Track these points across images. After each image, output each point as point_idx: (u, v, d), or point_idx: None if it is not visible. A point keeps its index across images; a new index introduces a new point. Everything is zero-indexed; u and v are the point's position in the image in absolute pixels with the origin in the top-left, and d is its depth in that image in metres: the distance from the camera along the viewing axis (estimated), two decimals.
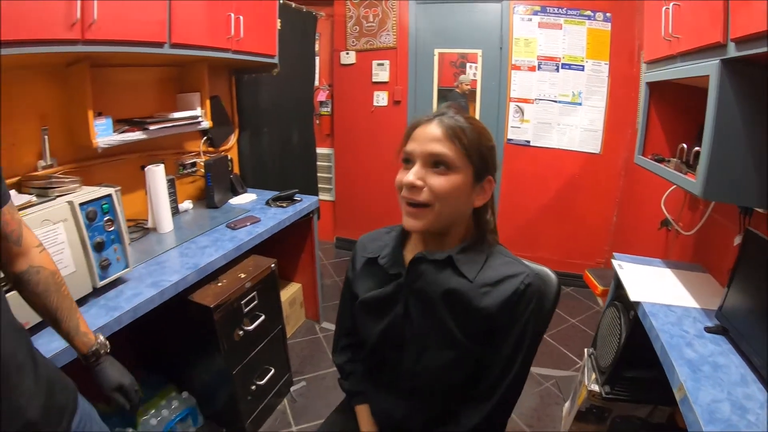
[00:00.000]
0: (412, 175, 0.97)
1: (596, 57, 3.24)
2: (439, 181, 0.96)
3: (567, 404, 2.18)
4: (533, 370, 2.61)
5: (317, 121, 4.32)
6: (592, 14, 3.18)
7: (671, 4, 1.45)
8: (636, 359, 1.62)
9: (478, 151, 0.99)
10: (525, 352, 1.04)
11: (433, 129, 0.98)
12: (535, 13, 3.30)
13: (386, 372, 1.17)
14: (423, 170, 0.97)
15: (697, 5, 1.33)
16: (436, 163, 0.97)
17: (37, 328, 1.31)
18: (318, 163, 4.22)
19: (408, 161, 1.01)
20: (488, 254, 1.06)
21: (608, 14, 3.15)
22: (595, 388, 1.77)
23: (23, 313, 1.09)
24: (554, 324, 3.13)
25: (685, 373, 1.16)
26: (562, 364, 2.70)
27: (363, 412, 1.27)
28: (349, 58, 4.02)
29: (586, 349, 2.03)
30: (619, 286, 1.80)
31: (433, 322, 1.04)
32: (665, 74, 1.59)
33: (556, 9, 3.26)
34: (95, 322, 1.40)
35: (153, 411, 2.04)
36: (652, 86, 1.78)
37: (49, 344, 1.26)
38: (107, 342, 1.20)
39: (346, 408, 1.37)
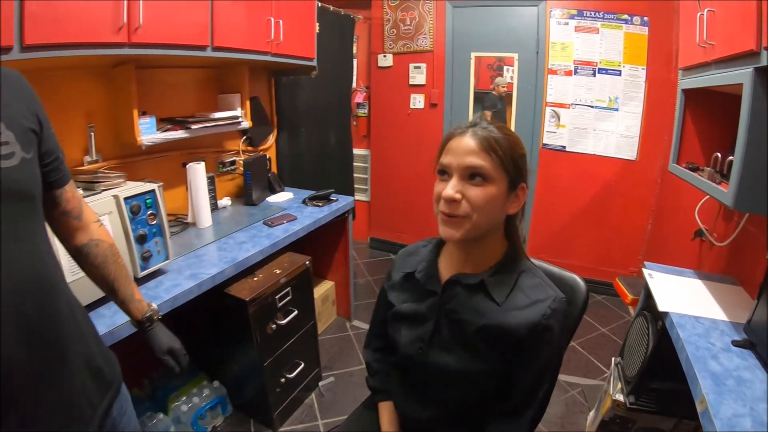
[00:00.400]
0: (450, 189, 0.98)
1: (633, 62, 3.17)
2: (476, 193, 0.97)
3: (591, 413, 2.16)
4: (560, 377, 2.57)
5: (354, 123, 4.38)
6: (630, 18, 3.11)
7: (705, 11, 1.43)
8: (662, 371, 1.59)
9: (512, 161, 1.00)
10: (550, 372, 1.07)
11: (468, 141, 0.99)
12: (572, 17, 3.26)
13: (414, 379, 1.20)
14: (460, 183, 0.99)
15: (731, 12, 1.31)
16: (472, 175, 0.98)
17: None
18: (354, 163, 4.28)
19: (444, 173, 1.02)
20: (519, 274, 1.07)
21: (645, 18, 3.08)
22: (620, 397, 1.75)
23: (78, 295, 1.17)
24: (584, 332, 3.09)
25: (708, 385, 1.14)
26: (590, 373, 2.66)
27: (385, 409, 1.30)
28: (386, 60, 4.06)
29: (613, 359, 2.00)
30: (649, 295, 1.76)
31: (463, 341, 1.07)
32: (700, 81, 1.57)
33: (592, 13, 3.22)
34: None
35: (184, 398, 2.12)
36: (688, 93, 1.75)
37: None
38: (158, 309, 1.29)
39: (371, 404, 1.39)
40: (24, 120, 0.86)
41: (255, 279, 2.06)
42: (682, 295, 1.66)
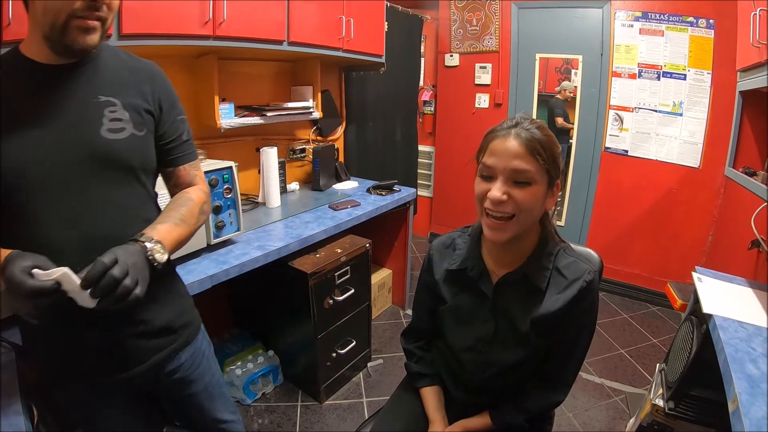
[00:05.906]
0: (498, 191, 1.00)
1: (699, 66, 3.05)
2: (523, 195, 1.00)
3: (631, 420, 2.13)
4: (604, 382, 2.59)
5: (420, 120, 4.49)
6: (695, 21, 3.00)
7: (758, 10, 1.42)
8: (705, 378, 1.55)
9: (553, 161, 1.02)
10: (584, 338, 1.15)
11: (513, 143, 0.99)
12: (637, 19, 3.20)
13: (469, 371, 1.25)
14: (506, 185, 1.00)
15: None
16: (518, 177, 1.00)
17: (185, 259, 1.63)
18: (419, 160, 4.39)
19: (488, 173, 1.04)
20: (555, 255, 1.14)
21: (711, 21, 2.96)
22: (660, 402, 1.72)
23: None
24: (634, 341, 3.03)
25: (743, 386, 1.11)
26: (635, 381, 2.62)
27: (430, 395, 1.33)
28: (452, 60, 4.12)
29: (657, 364, 1.97)
30: (697, 300, 1.71)
31: (517, 336, 1.15)
32: (755, 82, 1.56)
33: (657, 15, 3.13)
34: (206, 272, 1.66)
35: (239, 363, 2.30)
36: (745, 95, 1.73)
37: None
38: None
39: (409, 387, 1.42)
40: (143, 102, 1.02)
41: (317, 255, 2.20)
42: (729, 300, 1.61)
